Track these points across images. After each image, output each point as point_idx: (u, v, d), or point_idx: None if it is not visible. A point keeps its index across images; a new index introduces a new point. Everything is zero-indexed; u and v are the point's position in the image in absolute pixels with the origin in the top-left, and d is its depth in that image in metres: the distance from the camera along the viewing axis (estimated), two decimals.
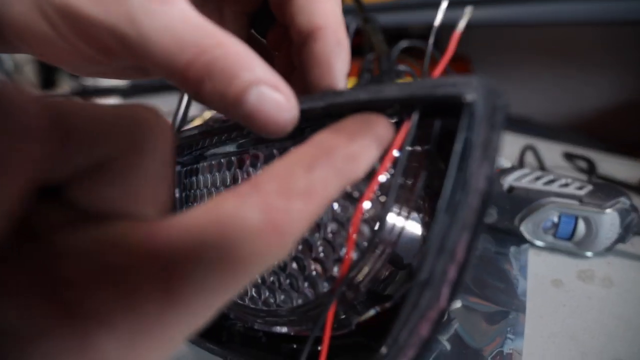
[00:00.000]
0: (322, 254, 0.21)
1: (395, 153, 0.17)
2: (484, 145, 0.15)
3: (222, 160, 0.28)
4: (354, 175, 0.15)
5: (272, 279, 0.24)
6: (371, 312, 0.20)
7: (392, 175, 0.18)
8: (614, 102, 0.83)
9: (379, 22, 0.45)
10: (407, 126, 0.17)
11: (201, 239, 0.11)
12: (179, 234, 0.11)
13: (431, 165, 0.18)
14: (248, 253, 0.12)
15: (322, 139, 0.15)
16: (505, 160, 0.55)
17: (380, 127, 0.16)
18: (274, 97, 0.16)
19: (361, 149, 0.15)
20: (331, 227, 0.21)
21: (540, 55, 0.91)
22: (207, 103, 0.16)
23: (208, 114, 0.71)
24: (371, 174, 0.17)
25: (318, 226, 0.22)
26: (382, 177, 0.19)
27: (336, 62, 0.20)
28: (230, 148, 0.28)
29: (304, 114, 0.17)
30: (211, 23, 0.16)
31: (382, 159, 0.17)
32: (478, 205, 0.15)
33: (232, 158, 0.27)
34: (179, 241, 0.11)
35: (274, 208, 0.12)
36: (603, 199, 0.39)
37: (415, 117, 0.17)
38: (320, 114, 0.18)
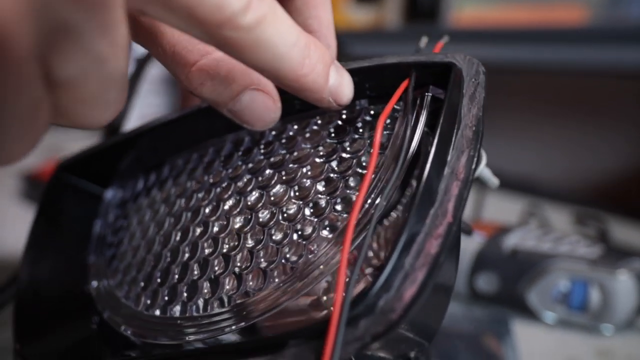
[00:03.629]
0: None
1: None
2: (470, 95, 0.19)
3: (194, 155, 0.26)
4: None
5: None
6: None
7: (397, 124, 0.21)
8: (632, 163, 0.77)
9: None
10: (407, 82, 0.20)
11: None
12: None
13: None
14: None
15: None
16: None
17: None
18: (263, 99, 0.19)
19: None
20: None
21: (546, 106, 0.88)
22: (201, 97, 0.19)
23: None
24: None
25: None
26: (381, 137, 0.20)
27: None
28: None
29: None
30: None
31: (385, 108, 0.20)
32: (470, 134, 0.18)
33: (210, 149, 0.25)
34: None
35: None
36: (616, 260, 0.35)
37: (413, 76, 0.20)
38: None
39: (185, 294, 0.21)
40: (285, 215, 0.20)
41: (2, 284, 0.29)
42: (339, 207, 0.19)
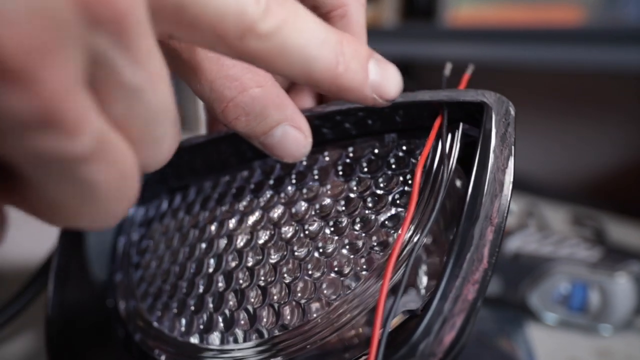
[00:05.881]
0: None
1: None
2: (502, 136, 0.19)
3: (221, 179, 0.25)
4: None
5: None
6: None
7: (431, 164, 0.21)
8: (628, 160, 0.78)
9: None
10: (440, 119, 0.20)
11: None
12: None
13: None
14: None
15: None
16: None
17: None
18: (295, 135, 0.19)
19: None
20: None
21: (542, 104, 0.88)
22: (235, 129, 0.19)
23: None
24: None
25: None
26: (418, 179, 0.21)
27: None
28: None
29: (324, 118, 0.22)
30: None
31: (422, 151, 0.20)
32: (503, 178, 0.18)
33: (238, 175, 0.25)
34: None
35: None
36: (614, 263, 0.36)
37: (446, 114, 0.20)
38: (338, 117, 0.22)
39: (222, 324, 0.21)
40: (321, 251, 0.21)
41: (14, 293, 0.29)
42: (375, 246, 0.20)
